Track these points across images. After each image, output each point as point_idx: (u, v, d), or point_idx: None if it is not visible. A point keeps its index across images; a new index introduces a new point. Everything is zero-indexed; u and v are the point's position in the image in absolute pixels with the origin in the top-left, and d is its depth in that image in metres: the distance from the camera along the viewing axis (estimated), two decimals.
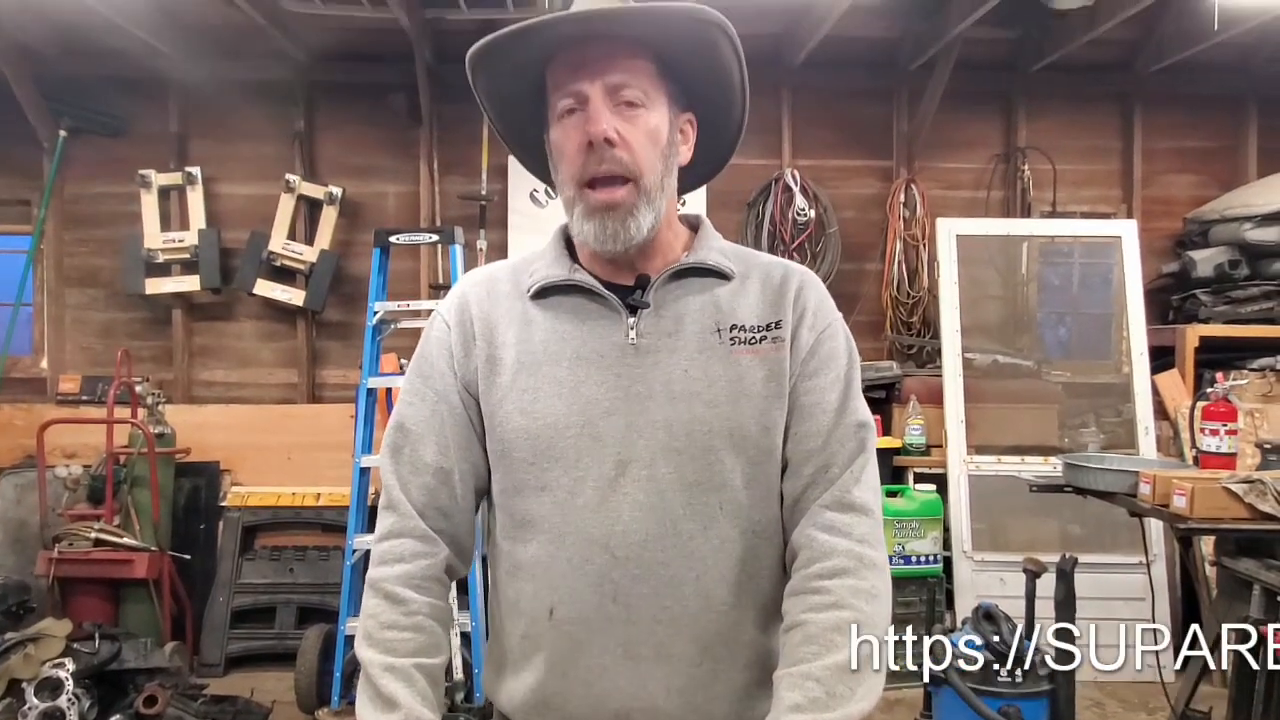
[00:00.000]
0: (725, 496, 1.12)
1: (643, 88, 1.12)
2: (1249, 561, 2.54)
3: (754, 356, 1.14)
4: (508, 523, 1.18)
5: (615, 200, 1.11)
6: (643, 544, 1.10)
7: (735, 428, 1.12)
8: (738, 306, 1.17)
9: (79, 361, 5.01)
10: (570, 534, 1.12)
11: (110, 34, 4.46)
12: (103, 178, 4.97)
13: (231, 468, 4.65)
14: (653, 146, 1.13)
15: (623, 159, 1.10)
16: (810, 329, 1.17)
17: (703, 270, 1.18)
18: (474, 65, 1.15)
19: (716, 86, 1.18)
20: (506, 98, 1.20)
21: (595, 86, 1.10)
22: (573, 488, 1.12)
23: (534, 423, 1.13)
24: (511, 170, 4.87)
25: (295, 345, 5.03)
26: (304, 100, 4.99)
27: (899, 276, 5.04)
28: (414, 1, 4.28)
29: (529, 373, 1.15)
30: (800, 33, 4.67)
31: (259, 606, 4.32)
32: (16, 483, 4.47)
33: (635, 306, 1.15)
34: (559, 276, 1.18)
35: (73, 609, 3.88)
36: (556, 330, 1.16)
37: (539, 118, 1.18)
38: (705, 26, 1.10)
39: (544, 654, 1.14)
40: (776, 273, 1.20)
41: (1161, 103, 5.17)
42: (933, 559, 4.04)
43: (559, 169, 1.16)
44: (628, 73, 1.11)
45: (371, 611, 1.13)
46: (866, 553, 1.10)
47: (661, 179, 1.14)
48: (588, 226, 1.13)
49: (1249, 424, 4.08)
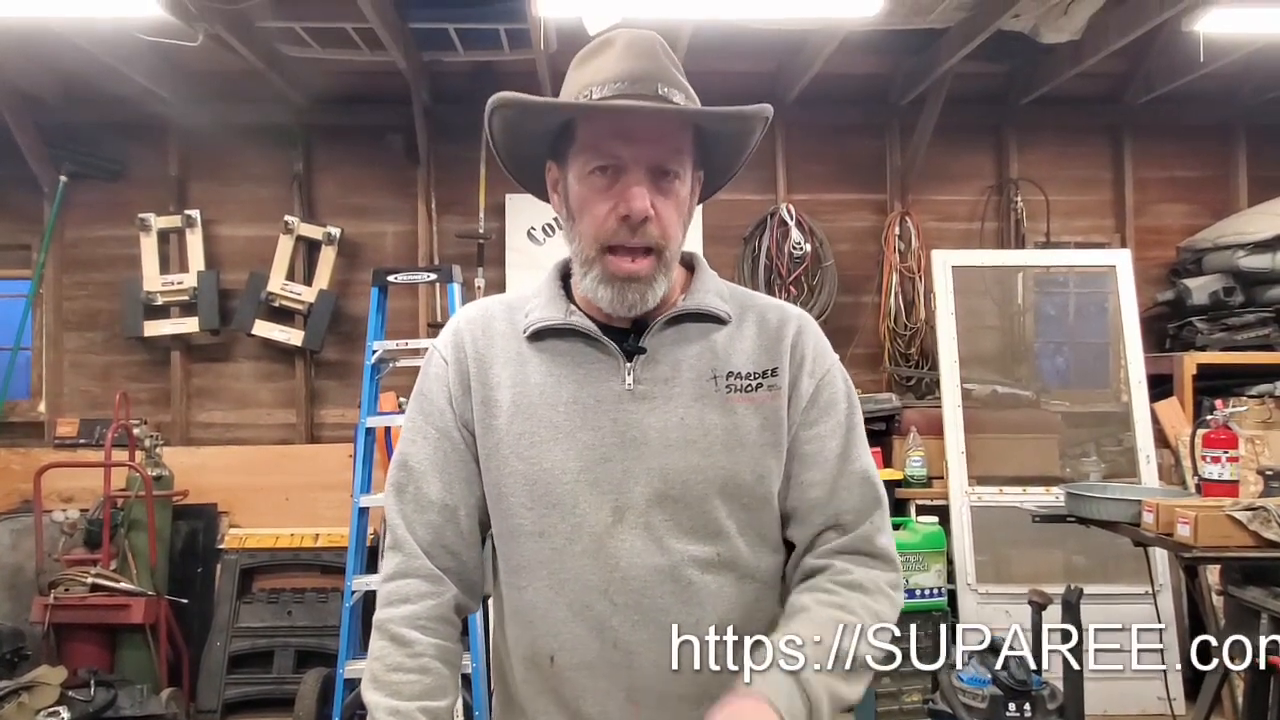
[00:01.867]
0: (721, 545, 1.12)
1: (679, 161, 1.12)
2: (1256, 590, 2.52)
3: (750, 405, 1.14)
4: (507, 567, 1.17)
5: (638, 272, 1.11)
6: (641, 590, 1.10)
7: (730, 477, 1.12)
8: (734, 353, 1.16)
9: (77, 405, 5.00)
10: (569, 580, 1.11)
11: (111, 80, 4.51)
12: (103, 221, 5.00)
13: (229, 509, 4.62)
14: (680, 217, 1.14)
15: (653, 234, 1.10)
16: (810, 376, 1.17)
17: (699, 315, 1.17)
18: (498, 106, 1.11)
19: (735, 154, 1.20)
20: (522, 130, 1.17)
21: (639, 160, 1.09)
22: (570, 534, 1.11)
23: (531, 468, 1.13)
24: (509, 208, 4.90)
25: (294, 385, 5.03)
26: (302, 142, 5.03)
27: (896, 308, 5.05)
28: (411, 44, 4.34)
29: (525, 416, 1.14)
30: (793, 70, 4.73)
31: (257, 650, 4.27)
32: (12, 528, 4.44)
33: (632, 352, 1.15)
34: (556, 319, 1.17)
35: (68, 655, 3.83)
36: (553, 374, 1.15)
37: (545, 143, 1.17)
38: (758, 122, 1.14)
39: (548, 699, 1.13)
40: (773, 316, 1.20)
41: (1151, 133, 5.23)
42: (937, 592, 4.00)
43: (578, 220, 1.13)
44: (670, 149, 1.10)
45: (378, 654, 1.13)
46: (886, 589, 1.13)
47: (680, 244, 1.15)
48: (604, 291, 1.12)
49: (1250, 451, 4.07)
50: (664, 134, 1.10)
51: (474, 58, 4.52)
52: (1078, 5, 3.98)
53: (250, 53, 4.12)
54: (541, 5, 3.59)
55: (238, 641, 4.28)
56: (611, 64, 1.10)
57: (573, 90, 1.12)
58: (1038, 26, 4.19)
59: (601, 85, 1.09)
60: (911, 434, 4.48)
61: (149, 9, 3.52)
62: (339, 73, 4.71)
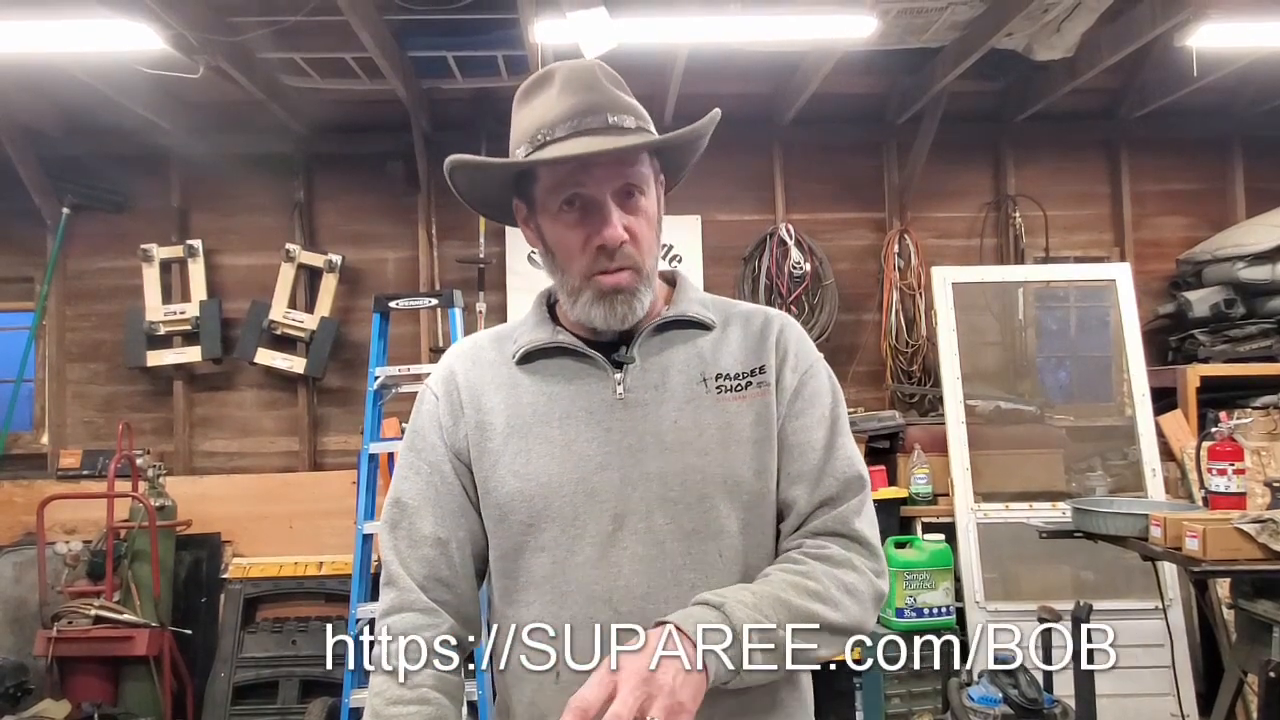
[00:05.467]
0: (723, 543, 1.13)
1: (642, 174, 1.15)
2: (1267, 603, 2.50)
3: (741, 403, 1.17)
4: (510, 586, 1.17)
5: (623, 284, 1.14)
6: (645, 597, 1.10)
7: (729, 474, 1.14)
8: (721, 355, 1.19)
9: (80, 436, 5.00)
10: (572, 592, 1.12)
11: (113, 112, 4.55)
12: (105, 253, 5.03)
13: (233, 539, 4.61)
14: (652, 230, 1.17)
15: (632, 255, 1.14)
16: (793, 370, 1.20)
17: (684, 322, 1.21)
18: (456, 166, 1.16)
19: (691, 152, 1.24)
20: (486, 179, 1.21)
21: (603, 190, 1.12)
22: (571, 545, 1.12)
23: (528, 484, 1.14)
24: (509, 233, 4.92)
25: (296, 413, 5.03)
26: (303, 171, 5.06)
27: (897, 326, 5.06)
28: (410, 73, 4.38)
29: (520, 435, 1.16)
30: (789, 91, 4.77)
31: (261, 681, 4.23)
32: (15, 561, 4.43)
33: (621, 363, 1.17)
34: (543, 340, 1.20)
35: (72, 689, 3.80)
36: (545, 392, 1.18)
37: (510, 184, 1.20)
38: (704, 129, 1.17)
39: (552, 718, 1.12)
40: (756, 319, 1.23)
41: (1147, 147, 5.25)
42: (945, 610, 3.97)
43: (557, 256, 1.17)
44: (633, 172, 1.14)
45: (377, 689, 1.13)
46: (859, 564, 1.12)
47: (657, 255, 1.19)
48: (596, 311, 1.15)
49: (1255, 463, 4.06)
50: (624, 161, 1.13)
51: (473, 85, 4.56)
52: (1069, 23, 4.01)
53: (251, 83, 4.16)
54: (538, 32, 3.63)
55: (242, 672, 4.24)
56: (555, 102, 1.12)
57: (524, 132, 1.14)
58: (1031, 45, 4.22)
59: (551, 127, 1.11)
60: (915, 451, 4.46)
61: (150, 42, 3.55)
62: (339, 102, 4.75)
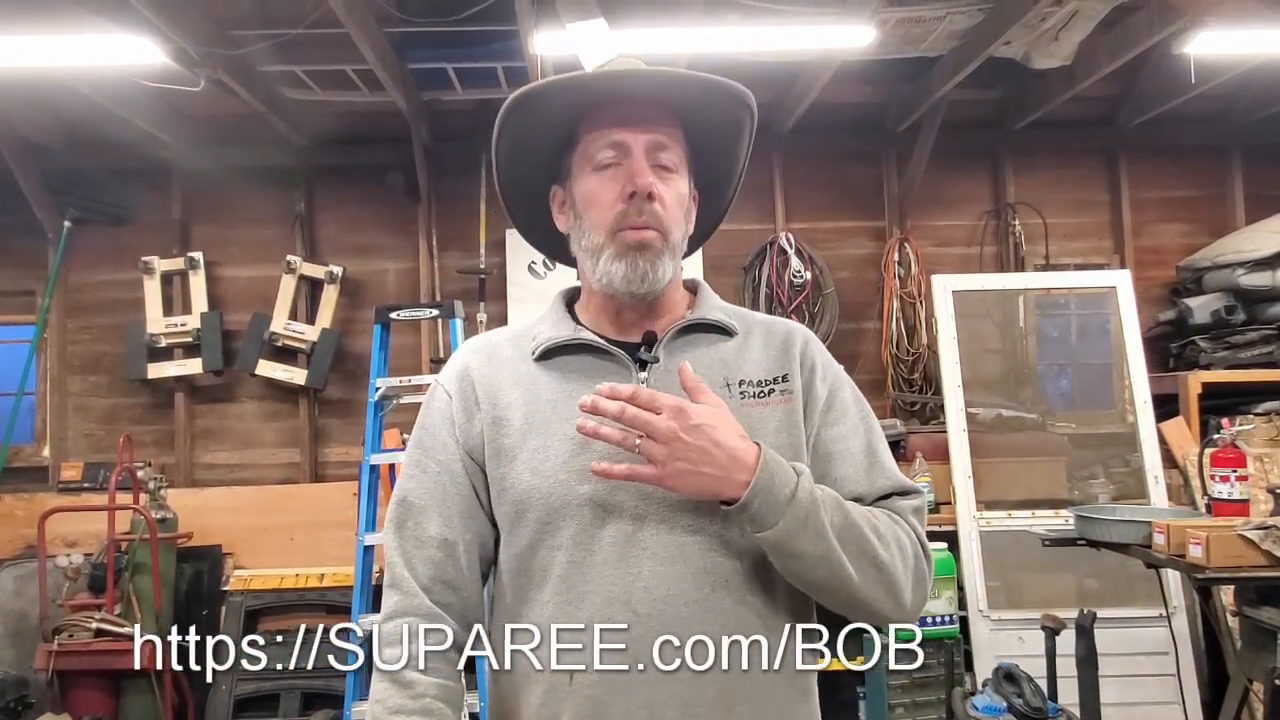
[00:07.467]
0: (744, 546, 1.11)
1: (676, 154, 1.18)
2: (1271, 610, 2.49)
3: (764, 408, 1.17)
4: (524, 585, 1.14)
5: (647, 240, 1.14)
6: (664, 599, 1.08)
7: None
8: (744, 362, 1.20)
9: (81, 448, 5.00)
10: (590, 592, 1.09)
11: (114, 126, 4.57)
12: (106, 266, 5.03)
13: (234, 550, 4.60)
14: (680, 209, 1.18)
15: (659, 213, 1.15)
16: (823, 381, 1.21)
17: (707, 326, 1.21)
18: (512, 109, 1.16)
19: (724, 166, 1.25)
20: (528, 148, 1.22)
21: (639, 141, 1.15)
22: (590, 545, 1.10)
23: (546, 481, 1.12)
24: (510, 243, 4.92)
25: (297, 424, 5.02)
26: (304, 183, 5.07)
27: (898, 334, 5.06)
28: (410, 84, 4.40)
29: (538, 432, 1.14)
30: (789, 100, 4.78)
31: (262, 694, 4.22)
32: (16, 574, 4.42)
33: (644, 362, 1.16)
34: (564, 337, 1.19)
35: (72, 702, 3.79)
36: (564, 389, 1.16)
37: (547, 171, 1.22)
38: (740, 108, 1.19)
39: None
40: (779, 329, 1.24)
41: (1146, 154, 5.26)
42: (949, 619, 3.96)
43: (586, 217, 1.18)
44: (667, 136, 1.17)
45: (379, 696, 1.11)
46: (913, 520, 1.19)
47: (682, 239, 1.20)
48: (617, 267, 1.15)
49: (1258, 469, 4.04)
50: (655, 118, 1.16)
51: (473, 96, 4.58)
52: (1067, 31, 4.02)
53: (251, 96, 4.17)
54: (538, 43, 3.64)
55: (243, 685, 4.22)
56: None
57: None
58: (1029, 53, 4.23)
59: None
60: (917, 460, 4.46)
61: (151, 56, 3.57)
62: (339, 114, 4.76)
